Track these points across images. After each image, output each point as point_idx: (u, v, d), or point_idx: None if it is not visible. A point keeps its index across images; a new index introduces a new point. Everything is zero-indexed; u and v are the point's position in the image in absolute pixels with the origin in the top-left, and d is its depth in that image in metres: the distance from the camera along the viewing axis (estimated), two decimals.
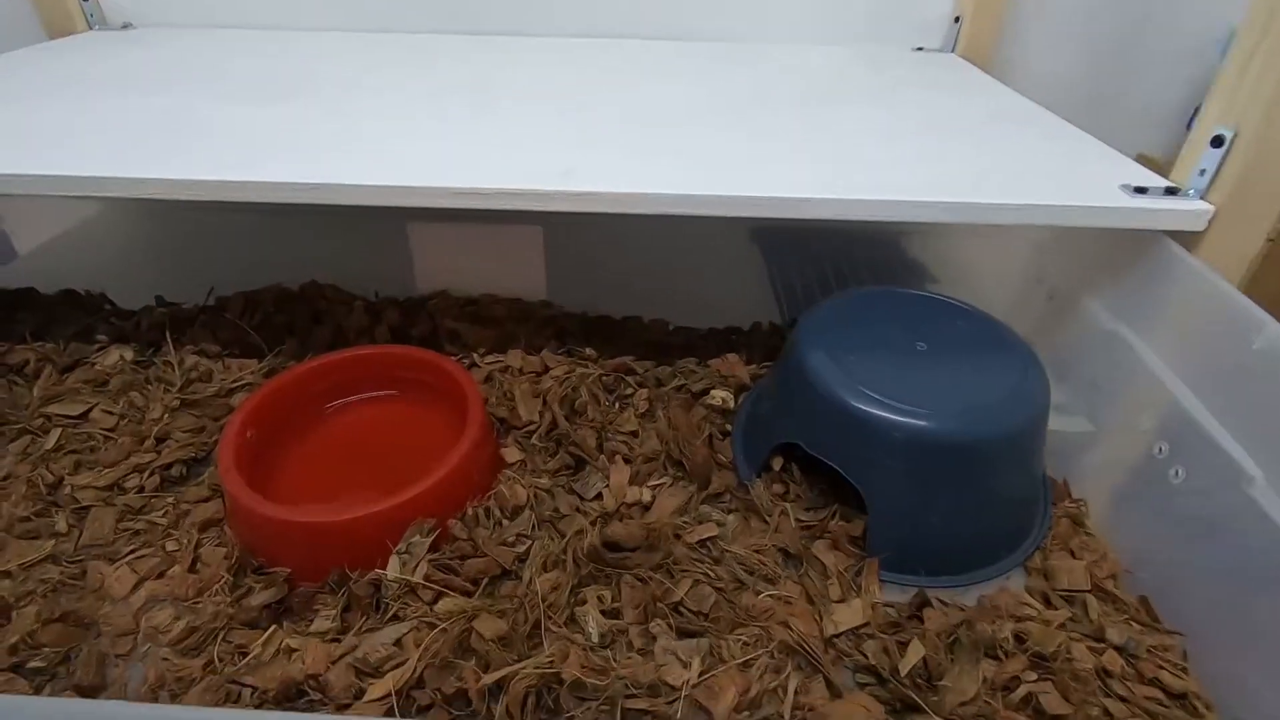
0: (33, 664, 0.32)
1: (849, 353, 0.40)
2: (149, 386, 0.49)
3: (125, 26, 0.70)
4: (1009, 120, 0.51)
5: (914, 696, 0.32)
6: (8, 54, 0.60)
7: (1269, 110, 0.35)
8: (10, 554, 0.37)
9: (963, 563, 0.39)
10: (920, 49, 0.70)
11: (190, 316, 0.55)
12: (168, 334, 0.52)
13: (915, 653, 0.33)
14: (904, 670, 0.32)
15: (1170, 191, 0.39)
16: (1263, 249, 0.38)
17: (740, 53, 0.66)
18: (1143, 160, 0.43)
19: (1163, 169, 0.41)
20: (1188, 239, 0.39)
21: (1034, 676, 0.32)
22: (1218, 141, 0.37)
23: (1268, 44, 0.35)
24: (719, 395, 0.49)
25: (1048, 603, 0.37)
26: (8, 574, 0.36)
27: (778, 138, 0.47)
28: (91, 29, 0.69)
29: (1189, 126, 0.39)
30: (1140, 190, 0.39)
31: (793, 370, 0.41)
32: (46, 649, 0.33)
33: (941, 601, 0.36)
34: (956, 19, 0.68)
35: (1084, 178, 0.41)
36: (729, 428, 0.48)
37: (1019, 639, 0.34)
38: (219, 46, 0.64)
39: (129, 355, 0.51)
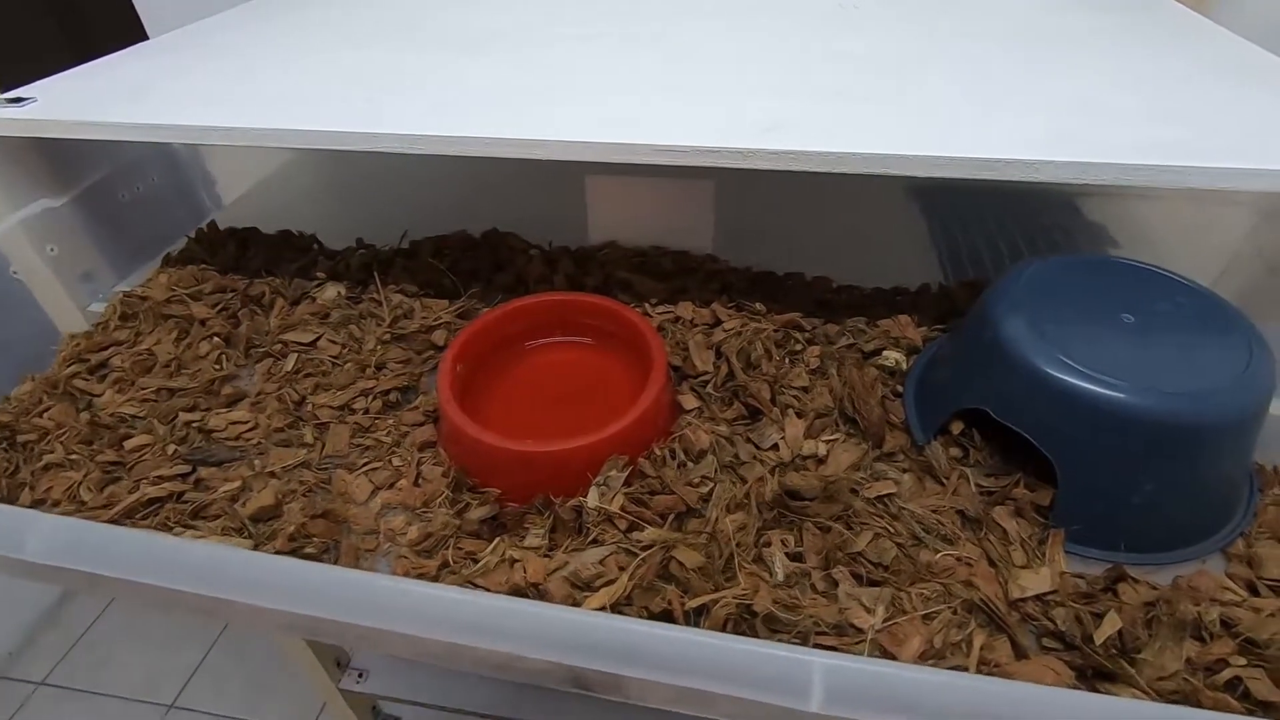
0: (306, 550, 0.38)
1: (1050, 321, 0.39)
2: (363, 321, 0.55)
3: None
4: (1236, 73, 0.47)
5: (1108, 665, 0.32)
6: (230, 10, 0.66)
7: None
8: (274, 458, 0.44)
9: (1158, 542, 0.38)
10: None
11: (389, 258, 0.61)
12: (374, 273, 0.58)
13: (1112, 624, 0.33)
14: (1098, 640, 0.33)
15: None
16: None
17: None
18: None
19: None
20: None
21: (1243, 661, 0.31)
22: None
23: None
24: (892, 356, 0.50)
25: (1253, 590, 0.36)
26: (274, 474, 0.43)
27: (994, 84, 0.45)
28: None
29: None
30: None
31: (984, 335, 0.41)
32: (315, 539, 0.39)
33: (1134, 579, 0.36)
34: None
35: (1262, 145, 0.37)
36: (899, 389, 0.48)
37: (1226, 623, 0.33)
38: (412, 2, 0.68)
39: (343, 291, 0.58)
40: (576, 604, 0.35)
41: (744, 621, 0.35)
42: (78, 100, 0.50)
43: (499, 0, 0.67)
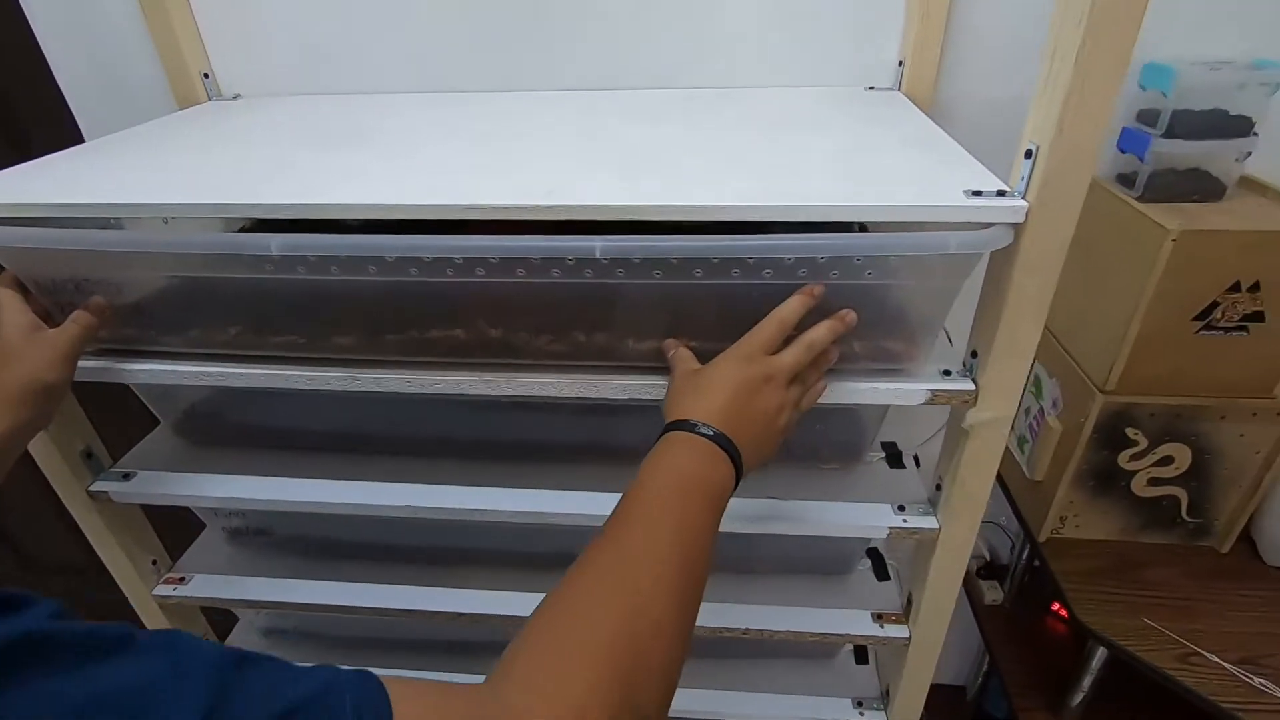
0: None
1: None
2: None
3: (235, 97, 0.90)
4: (912, 145, 0.63)
5: None
6: (153, 121, 0.80)
7: (1058, 126, 0.47)
8: None
9: None
10: (872, 88, 0.83)
11: None
12: None
13: None
14: None
15: (1001, 194, 0.51)
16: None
17: (731, 95, 0.81)
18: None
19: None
20: (1018, 230, 0.51)
21: None
22: (1028, 154, 0.49)
23: (1054, 70, 0.47)
24: None
25: None
26: None
27: (734, 157, 0.61)
28: (210, 100, 0.89)
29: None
30: (978, 194, 0.51)
31: None
32: None
33: None
34: (900, 62, 0.81)
35: (942, 185, 0.53)
36: None
37: None
38: (310, 109, 0.83)
39: None
40: None
41: None
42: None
43: (386, 106, 0.83)
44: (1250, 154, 0.77)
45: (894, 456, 0.74)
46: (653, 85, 0.85)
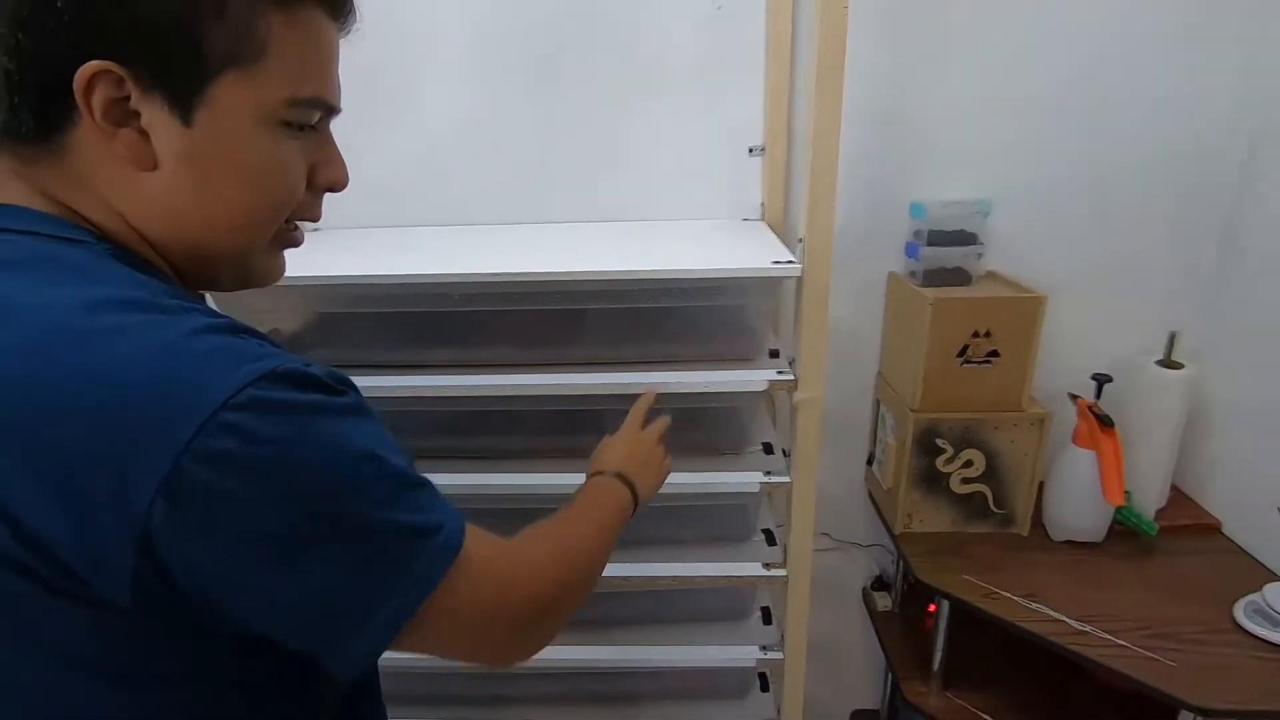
0: None
1: None
2: None
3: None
4: (754, 244, 1.06)
5: None
6: None
7: (809, 232, 0.89)
8: None
9: None
10: (746, 219, 1.28)
11: None
12: None
13: None
14: None
15: (790, 262, 0.92)
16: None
17: (655, 222, 1.25)
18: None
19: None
20: (800, 280, 0.92)
21: None
22: (800, 240, 0.91)
23: (806, 206, 0.90)
24: None
25: None
26: None
27: (640, 250, 1.02)
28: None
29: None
30: (778, 262, 0.92)
31: None
32: None
33: None
34: (762, 203, 1.27)
35: (760, 258, 0.95)
36: None
37: None
38: (369, 236, 1.24)
39: None
40: None
41: None
42: None
43: (414, 236, 1.25)
44: (981, 255, 1.22)
45: (767, 446, 1.11)
46: (601, 219, 1.29)
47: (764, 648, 1.13)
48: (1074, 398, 1.21)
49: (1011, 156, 1.25)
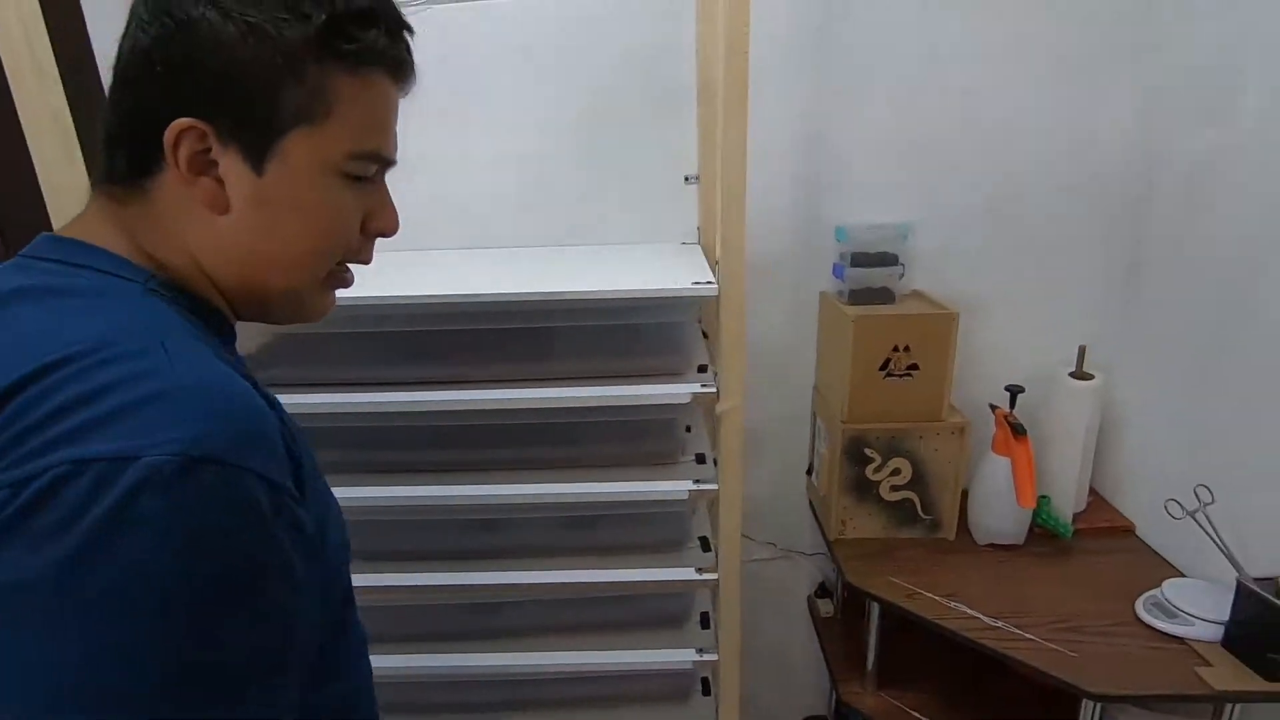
0: None
1: None
2: None
3: None
4: (683, 267, 1.14)
5: None
6: None
7: (723, 255, 0.96)
8: None
9: None
10: (685, 243, 1.36)
11: None
12: None
13: None
14: None
15: (709, 283, 0.99)
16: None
17: (602, 247, 1.32)
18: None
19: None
20: (718, 299, 0.99)
21: None
22: (716, 263, 0.99)
23: (719, 234, 0.97)
24: None
25: None
26: None
27: (582, 271, 1.09)
28: None
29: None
30: (697, 283, 1.00)
31: None
32: None
33: None
34: (698, 228, 1.35)
35: (682, 279, 1.02)
36: None
37: None
38: None
39: None
40: None
41: None
42: None
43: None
44: (903, 275, 1.31)
45: (699, 457, 1.17)
46: (558, 244, 1.37)
47: (700, 650, 1.18)
48: (993, 408, 1.29)
49: (927, 183, 1.34)
